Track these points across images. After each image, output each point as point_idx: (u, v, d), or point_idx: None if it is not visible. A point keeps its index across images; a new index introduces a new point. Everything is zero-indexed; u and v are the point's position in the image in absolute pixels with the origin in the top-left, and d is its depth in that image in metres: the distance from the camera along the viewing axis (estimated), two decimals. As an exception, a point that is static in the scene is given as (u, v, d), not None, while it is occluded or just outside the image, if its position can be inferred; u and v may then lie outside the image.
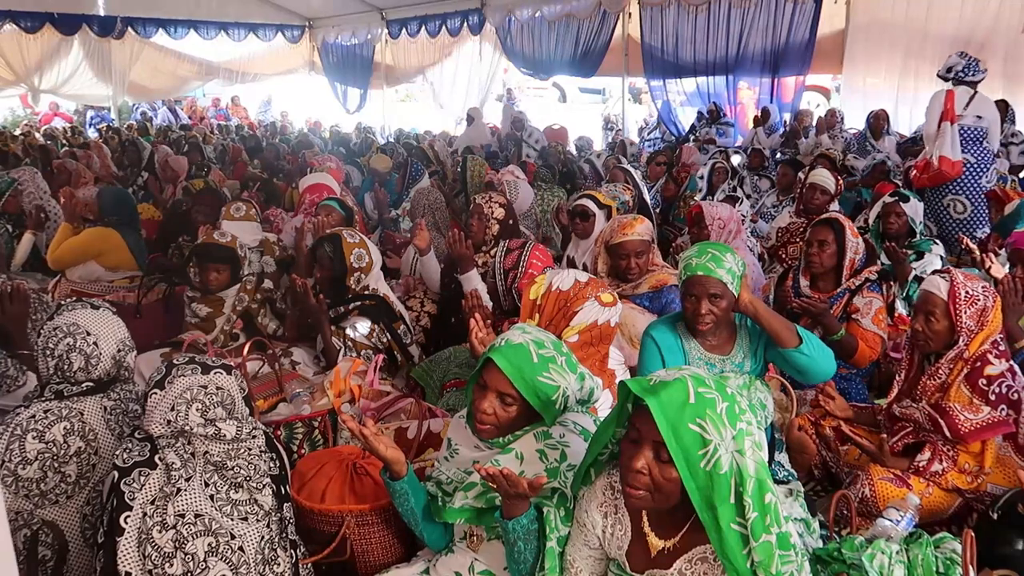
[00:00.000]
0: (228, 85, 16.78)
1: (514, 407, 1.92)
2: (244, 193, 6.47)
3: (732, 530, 1.49)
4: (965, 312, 2.54)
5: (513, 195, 5.31)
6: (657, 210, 6.32)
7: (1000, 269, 3.41)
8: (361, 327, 3.48)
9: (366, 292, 3.60)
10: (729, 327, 2.63)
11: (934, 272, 2.73)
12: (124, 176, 7.87)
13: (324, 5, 15.17)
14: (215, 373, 2.07)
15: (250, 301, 3.82)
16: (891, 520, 2.14)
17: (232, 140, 11.30)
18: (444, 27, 13.30)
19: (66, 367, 2.22)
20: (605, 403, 2.44)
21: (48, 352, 2.23)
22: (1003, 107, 7.07)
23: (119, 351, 2.31)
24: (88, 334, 2.24)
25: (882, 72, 8.99)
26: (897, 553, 1.92)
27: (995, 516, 2.24)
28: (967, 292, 2.54)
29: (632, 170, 5.73)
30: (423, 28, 13.65)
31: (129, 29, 13.82)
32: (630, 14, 10.99)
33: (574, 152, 9.15)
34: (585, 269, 4.17)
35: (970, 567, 1.80)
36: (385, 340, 3.55)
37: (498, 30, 12.54)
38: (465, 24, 12.98)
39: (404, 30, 14.02)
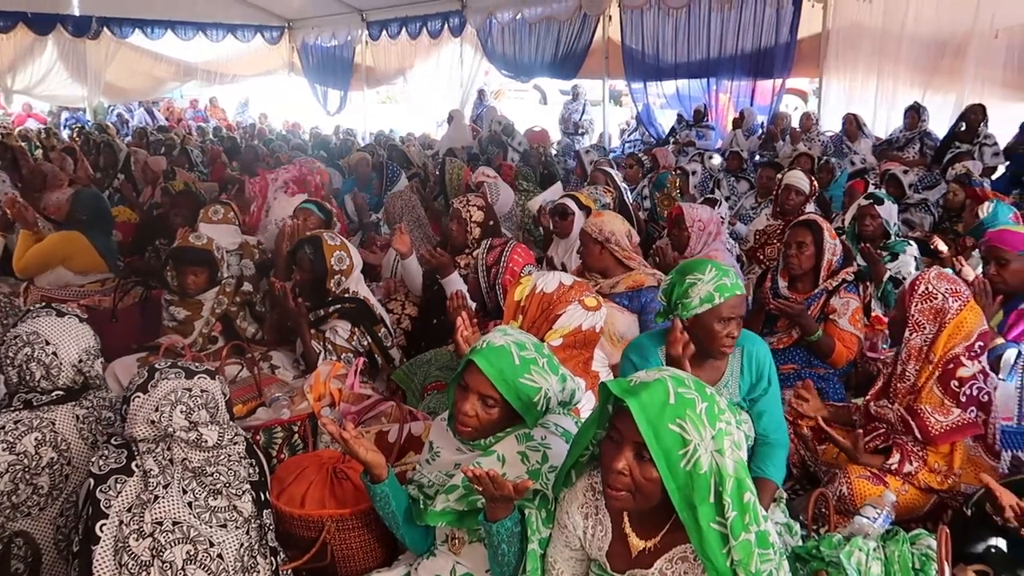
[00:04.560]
0: (206, 86, 16.63)
1: (496, 409, 1.92)
2: (223, 195, 6.41)
3: (712, 529, 1.50)
4: (915, 306, 2.59)
5: (494, 197, 5.32)
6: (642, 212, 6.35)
7: (970, 271, 3.46)
8: (341, 330, 3.46)
9: (346, 295, 3.58)
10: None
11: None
12: (100, 179, 7.78)
13: (303, 6, 15.09)
14: (199, 377, 2.06)
15: (229, 304, 3.78)
16: (868, 518, 2.16)
17: (210, 142, 11.20)
18: (424, 29, 13.28)
19: (27, 377, 2.17)
20: (588, 405, 2.44)
21: (9, 361, 2.18)
22: (980, 111, 7.19)
23: (81, 360, 2.24)
24: (47, 343, 2.18)
25: (860, 75, 9.08)
26: (874, 550, 1.94)
27: (969, 513, 2.28)
28: (926, 288, 2.59)
29: (613, 172, 5.75)
30: (403, 30, 13.61)
31: (105, 29, 13.66)
32: (610, 17, 11.02)
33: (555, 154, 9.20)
34: (564, 268, 4.20)
35: (945, 563, 1.82)
36: (366, 343, 3.53)
37: (479, 32, 12.54)
38: (446, 26, 12.96)
39: (384, 31, 13.99)
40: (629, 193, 5.72)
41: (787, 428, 2.57)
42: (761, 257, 5.04)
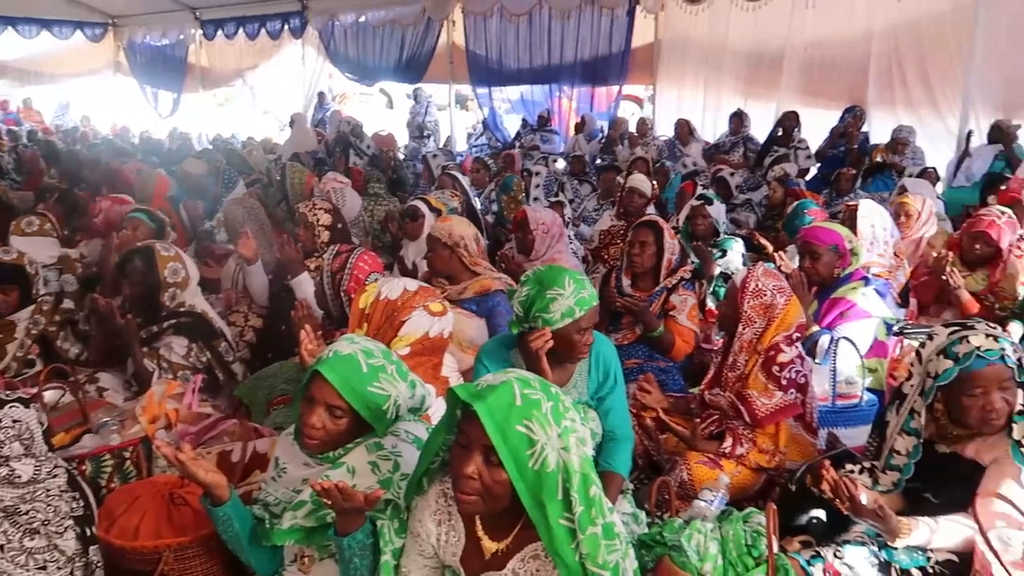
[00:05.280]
0: (18, 87, 15.18)
1: (344, 419, 1.88)
2: (39, 205, 5.86)
3: (560, 525, 1.54)
4: (748, 302, 2.80)
5: (340, 202, 5.21)
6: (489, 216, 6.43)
7: (790, 265, 3.76)
8: (177, 347, 3.26)
9: (182, 309, 3.38)
10: None
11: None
12: None
13: (129, 2, 14.10)
14: (10, 407, 1.88)
15: (47, 324, 3.49)
16: (706, 501, 2.30)
17: (24, 147, 10.22)
18: (263, 29, 12.82)
19: None
20: (438, 411, 2.44)
21: None
22: (794, 117, 7.86)
23: None
24: None
25: (689, 83, 9.65)
26: (712, 531, 2.06)
27: (793, 489, 2.48)
28: (756, 286, 2.81)
29: (460, 176, 5.79)
30: (241, 29, 13.08)
31: None
32: (454, 22, 11.10)
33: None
34: (415, 269, 4.19)
35: (773, 537, 1.96)
36: (204, 359, 3.36)
37: (321, 34, 12.25)
38: (286, 27, 12.57)
39: (220, 31, 13.37)
40: (476, 198, 5.78)
41: (632, 421, 2.68)
42: (606, 257, 5.24)
